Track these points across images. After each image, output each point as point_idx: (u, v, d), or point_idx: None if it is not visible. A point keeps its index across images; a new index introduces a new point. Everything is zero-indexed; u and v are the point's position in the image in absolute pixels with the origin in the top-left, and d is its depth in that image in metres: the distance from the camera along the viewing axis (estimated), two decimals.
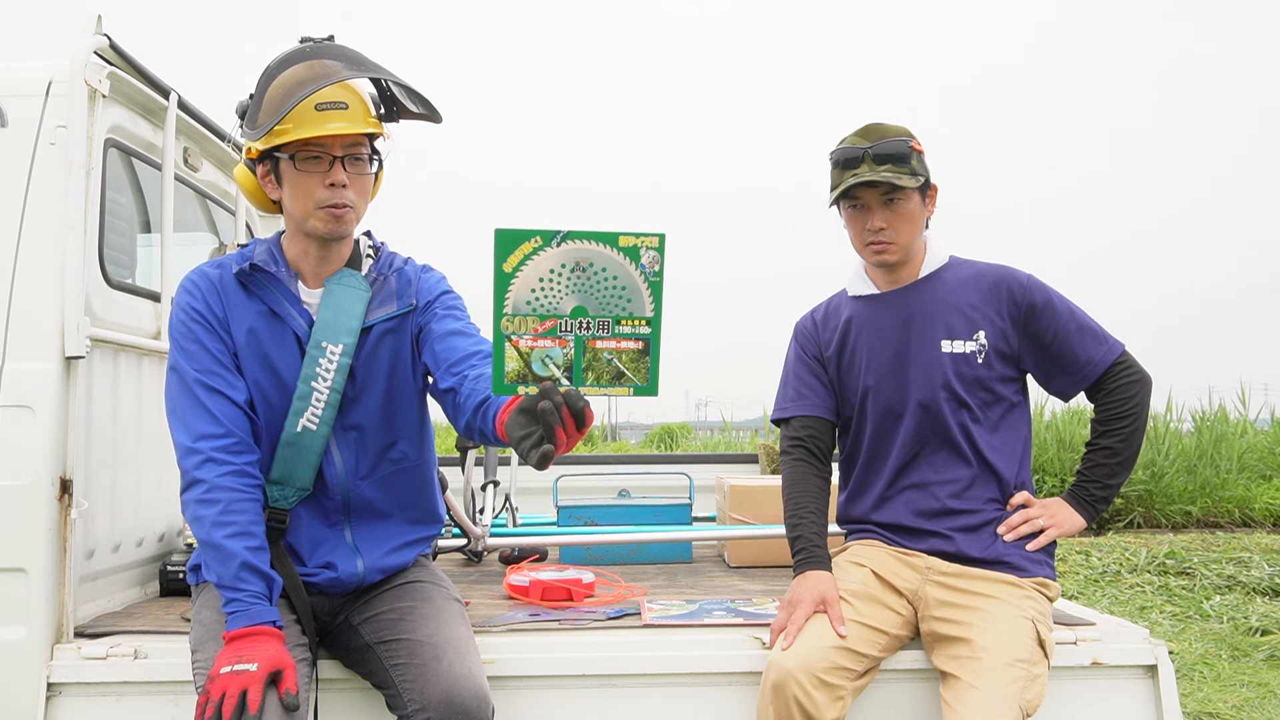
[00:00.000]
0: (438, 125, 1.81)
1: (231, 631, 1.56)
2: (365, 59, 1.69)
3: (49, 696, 1.83)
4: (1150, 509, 7.89)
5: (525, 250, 1.32)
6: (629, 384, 1.33)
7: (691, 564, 2.92)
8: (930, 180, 1.97)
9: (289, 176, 1.69)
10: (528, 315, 1.33)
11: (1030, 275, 1.98)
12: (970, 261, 2.02)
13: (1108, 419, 1.96)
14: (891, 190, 1.91)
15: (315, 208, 1.68)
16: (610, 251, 1.32)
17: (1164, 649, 1.90)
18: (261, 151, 1.69)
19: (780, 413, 2.11)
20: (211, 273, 1.77)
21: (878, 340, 2.00)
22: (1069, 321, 1.94)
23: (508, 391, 1.35)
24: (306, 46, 1.69)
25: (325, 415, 1.74)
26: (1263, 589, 5.23)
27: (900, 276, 2.01)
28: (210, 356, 1.71)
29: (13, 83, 2.00)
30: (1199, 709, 3.54)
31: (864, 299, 2.04)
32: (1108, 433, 1.96)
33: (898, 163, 1.89)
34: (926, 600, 1.87)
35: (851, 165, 1.91)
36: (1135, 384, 1.95)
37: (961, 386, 1.93)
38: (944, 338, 1.95)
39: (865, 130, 1.95)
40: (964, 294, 1.97)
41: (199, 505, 1.63)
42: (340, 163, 1.68)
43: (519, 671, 1.84)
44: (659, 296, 1.33)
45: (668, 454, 7.37)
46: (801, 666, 1.69)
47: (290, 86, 1.62)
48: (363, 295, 1.78)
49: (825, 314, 2.12)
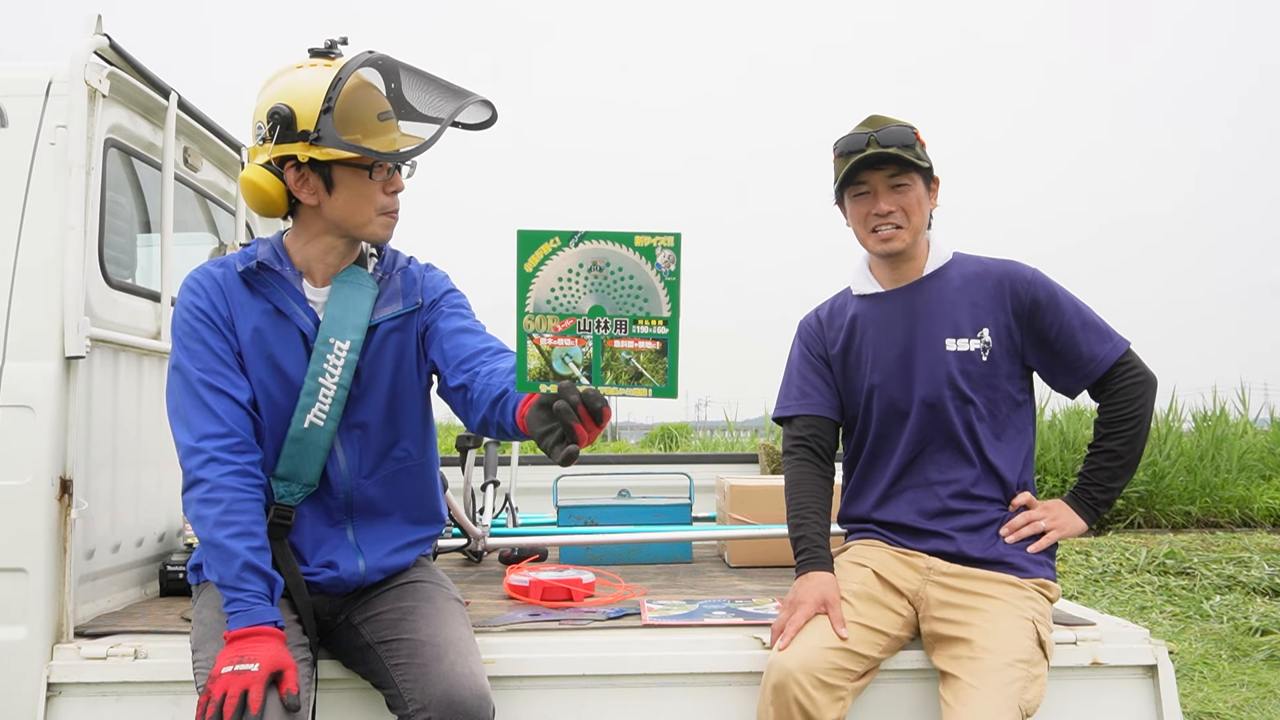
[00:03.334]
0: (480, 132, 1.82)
1: (233, 631, 1.56)
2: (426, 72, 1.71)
3: (49, 696, 1.82)
4: (1150, 509, 7.89)
5: (545, 250, 1.34)
6: (647, 385, 1.34)
7: (691, 564, 2.92)
8: (934, 172, 1.97)
9: (350, 184, 1.69)
10: (548, 314, 1.34)
11: (1035, 270, 1.97)
12: (975, 257, 2.02)
13: (1111, 421, 1.95)
14: (898, 172, 1.90)
15: (377, 214, 1.72)
16: (626, 251, 1.33)
17: (1164, 649, 1.90)
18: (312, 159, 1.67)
19: (783, 411, 2.10)
20: (215, 271, 1.77)
21: (883, 338, 1.99)
22: (1073, 317, 1.93)
23: (530, 389, 1.37)
24: (375, 56, 1.69)
25: (332, 412, 1.74)
26: (1263, 589, 5.23)
27: (905, 274, 2.00)
28: (214, 356, 1.71)
29: (13, 83, 2.00)
30: (1199, 709, 3.54)
31: (869, 297, 2.03)
32: (1111, 435, 1.95)
33: (904, 148, 1.89)
34: (927, 601, 1.86)
35: (857, 152, 1.91)
36: (1140, 384, 1.93)
37: (967, 384, 1.92)
38: (949, 335, 1.94)
39: (869, 120, 1.95)
40: (968, 291, 1.96)
41: (201, 505, 1.63)
42: (397, 170, 1.74)
43: (519, 671, 1.84)
44: (676, 297, 1.33)
45: (668, 454, 7.37)
46: (802, 667, 1.68)
47: (368, 97, 1.66)
48: (370, 293, 1.78)
49: (830, 312, 2.11)
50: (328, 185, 1.70)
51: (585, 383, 1.34)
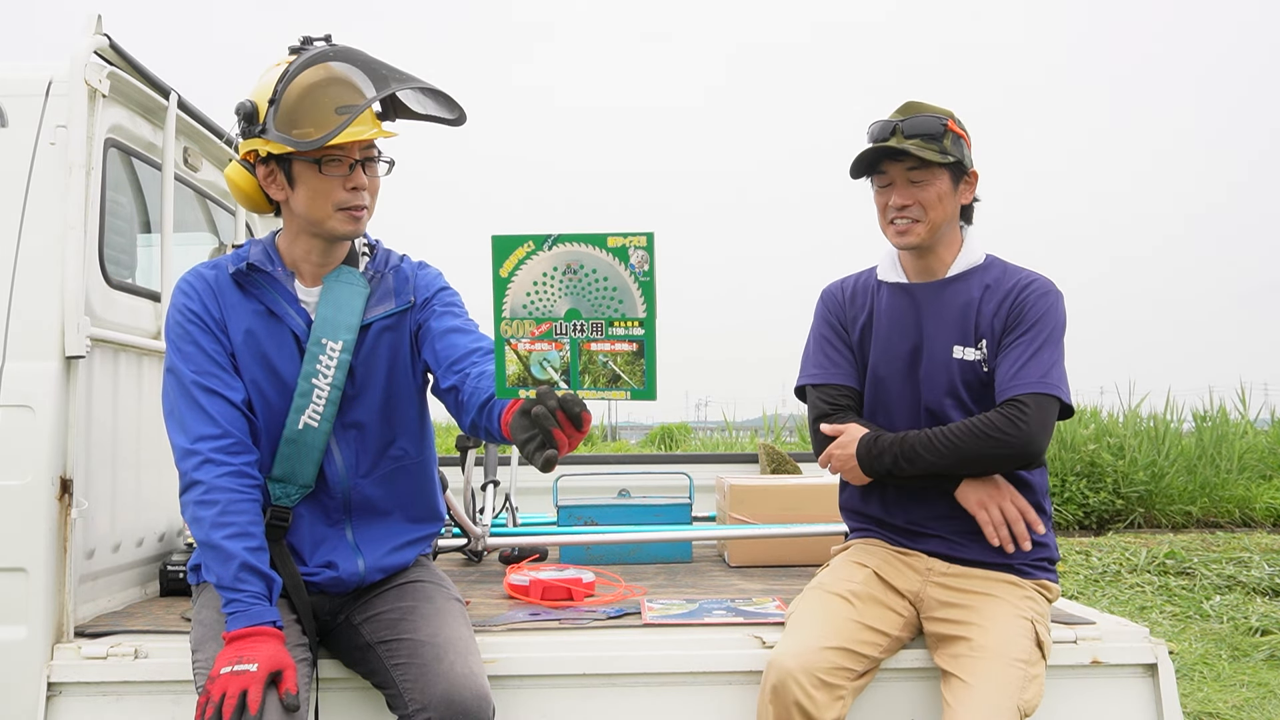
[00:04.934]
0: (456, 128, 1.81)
1: (232, 632, 1.56)
2: (380, 62, 1.69)
3: (49, 696, 1.82)
4: (1150, 509, 7.89)
5: (520, 255, 1.34)
6: (625, 387, 1.34)
7: (691, 564, 2.92)
8: (969, 166, 1.91)
9: (306, 179, 1.69)
10: (525, 319, 1.34)
11: (1049, 288, 1.89)
12: (1005, 264, 1.96)
13: (977, 419, 1.82)
14: (916, 165, 1.86)
15: (335, 209, 1.70)
16: (599, 253, 1.33)
17: (1164, 648, 1.90)
18: (270, 153, 1.68)
19: (808, 379, 2.02)
20: (207, 273, 1.77)
21: (896, 333, 1.96)
22: (1030, 342, 1.84)
23: (510, 395, 1.37)
24: (326, 49, 1.69)
25: (326, 412, 1.74)
26: (1263, 589, 5.23)
27: (930, 269, 1.96)
28: (207, 357, 1.71)
29: (13, 83, 2.00)
30: (1199, 709, 3.54)
31: (891, 286, 1.99)
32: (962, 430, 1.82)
33: (927, 139, 1.85)
34: (928, 601, 1.86)
35: (882, 139, 1.88)
36: (1009, 422, 1.78)
37: (969, 394, 1.90)
38: (957, 343, 1.90)
39: (904, 106, 1.91)
40: (986, 299, 1.91)
41: (198, 506, 1.63)
42: (360, 166, 1.70)
43: (519, 671, 1.84)
44: (651, 297, 1.33)
45: (668, 454, 7.37)
46: (801, 667, 1.68)
47: (311, 90, 1.63)
48: (361, 292, 1.78)
49: (854, 289, 2.05)
50: (289, 180, 1.71)
51: (564, 387, 1.34)
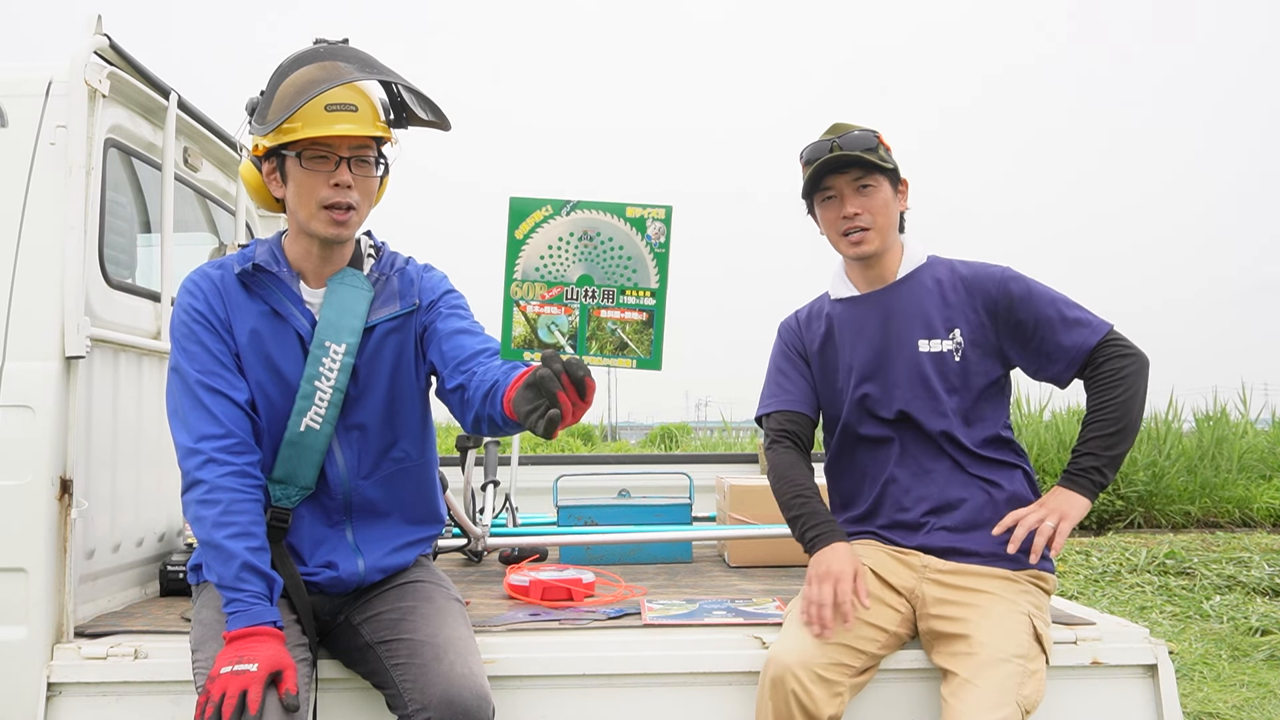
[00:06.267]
0: (445, 132, 1.81)
1: (232, 632, 1.56)
2: (378, 63, 1.70)
3: (49, 696, 1.83)
4: (1150, 509, 7.89)
5: (537, 218, 1.35)
6: (632, 355, 1.35)
7: (691, 564, 2.92)
8: (900, 174, 2.00)
9: (294, 175, 1.69)
10: (535, 281, 1.35)
11: (1006, 268, 1.99)
12: (947, 260, 2.04)
13: (1098, 390, 1.88)
14: (862, 174, 1.94)
15: (318, 207, 1.69)
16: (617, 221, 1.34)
17: (1164, 648, 1.90)
18: (268, 149, 1.69)
19: (763, 409, 2.13)
20: (213, 273, 1.77)
21: (859, 341, 2.02)
22: (1049, 308, 1.92)
23: (515, 356, 1.37)
24: (320, 47, 1.70)
25: (328, 414, 1.74)
26: (1263, 589, 5.23)
27: (879, 277, 2.03)
28: (212, 357, 1.71)
29: (13, 83, 2.00)
30: (1199, 709, 3.54)
31: (844, 301, 2.07)
32: (1102, 406, 1.87)
33: (865, 152, 1.93)
34: (924, 599, 1.87)
35: (820, 158, 1.95)
36: (1125, 358, 1.87)
37: (942, 386, 1.94)
38: (921, 337, 1.96)
39: (832, 128, 2.00)
40: (941, 292, 1.98)
41: (200, 506, 1.63)
42: (346, 164, 1.69)
43: (519, 671, 1.84)
44: (664, 269, 1.35)
45: (668, 454, 7.37)
46: (800, 662, 1.69)
47: (302, 85, 1.63)
48: (365, 295, 1.78)
49: (809, 315, 2.15)
50: (283, 177, 1.71)
51: (570, 351, 1.35)
